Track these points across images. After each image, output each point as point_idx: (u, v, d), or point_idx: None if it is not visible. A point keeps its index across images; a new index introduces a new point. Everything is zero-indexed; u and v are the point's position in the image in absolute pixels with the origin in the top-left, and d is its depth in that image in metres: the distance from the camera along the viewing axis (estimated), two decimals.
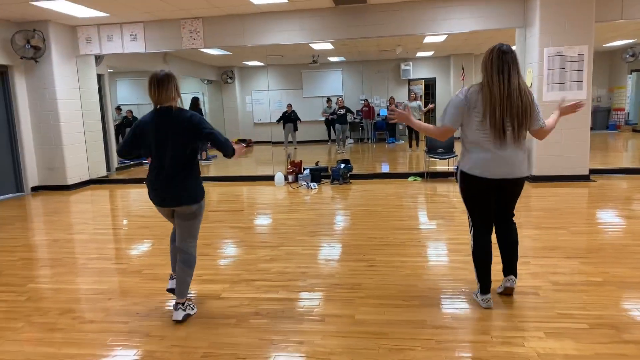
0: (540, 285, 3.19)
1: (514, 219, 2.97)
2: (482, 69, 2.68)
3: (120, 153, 2.94)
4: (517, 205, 2.95)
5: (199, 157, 2.98)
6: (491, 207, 2.84)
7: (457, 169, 2.94)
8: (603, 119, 15.29)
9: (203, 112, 12.62)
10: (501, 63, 2.58)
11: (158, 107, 2.79)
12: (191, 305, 3.02)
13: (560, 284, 3.21)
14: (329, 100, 13.76)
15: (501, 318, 2.75)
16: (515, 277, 2.97)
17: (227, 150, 2.78)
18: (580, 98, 6.86)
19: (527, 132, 2.74)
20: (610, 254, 3.78)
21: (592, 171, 7.30)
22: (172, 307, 2.99)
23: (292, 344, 2.56)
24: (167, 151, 2.76)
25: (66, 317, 3.02)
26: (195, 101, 11.63)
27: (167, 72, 2.76)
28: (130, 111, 13.04)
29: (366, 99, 14.93)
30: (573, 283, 3.21)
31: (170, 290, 3.11)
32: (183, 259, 2.93)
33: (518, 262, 2.98)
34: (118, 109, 13.39)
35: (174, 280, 3.07)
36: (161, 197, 2.82)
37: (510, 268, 2.96)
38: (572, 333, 2.55)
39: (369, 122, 14.95)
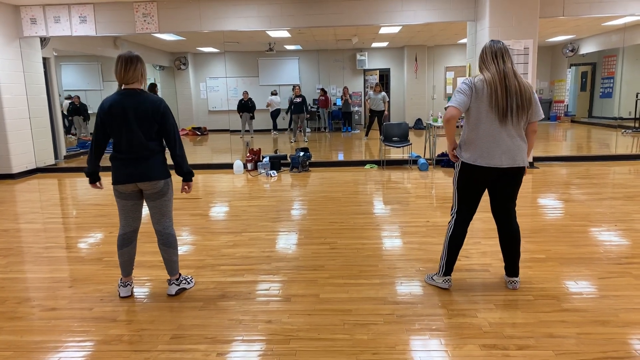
0: (490, 263, 3.43)
1: (515, 215, 2.98)
2: (480, 61, 2.84)
3: (96, 151, 2.86)
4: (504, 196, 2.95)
5: None
6: (480, 197, 2.94)
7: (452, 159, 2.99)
8: (545, 111, 16.18)
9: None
10: (495, 50, 2.78)
11: (123, 87, 2.80)
12: (187, 280, 3.15)
13: None
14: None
15: (456, 293, 2.96)
16: (518, 279, 3.00)
17: (182, 166, 2.93)
18: None
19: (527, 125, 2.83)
20: (551, 234, 4.10)
21: (536, 159, 7.80)
22: (138, 293, 3.00)
23: (261, 323, 2.64)
24: (135, 131, 2.76)
25: (25, 305, 2.95)
26: (152, 87, 11.33)
27: (136, 54, 2.81)
28: (78, 97, 12.47)
29: (322, 88, 15.04)
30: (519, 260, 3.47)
31: (126, 297, 3.03)
32: (164, 241, 2.99)
33: (471, 244, 3.16)
34: None
35: (128, 287, 3.04)
36: (131, 173, 2.81)
37: (512, 268, 2.98)
38: (519, 304, 2.78)
39: (325, 111, 15.11)
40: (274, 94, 14.36)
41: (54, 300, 3.02)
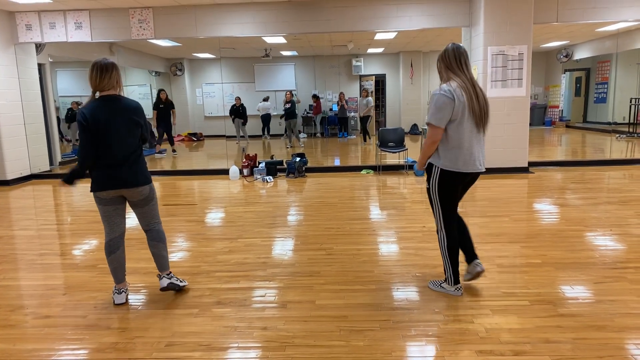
0: (486, 268, 3.42)
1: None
2: (444, 67, 2.85)
3: (88, 162, 2.82)
4: (464, 195, 3.15)
5: (154, 151, 3.06)
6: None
7: (428, 167, 2.94)
8: (540, 116, 16.27)
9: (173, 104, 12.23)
10: (459, 56, 2.81)
11: (98, 95, 2.80)
12: (180, 279, 3.17)
13: (504, 266, 3.46)
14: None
15: (452, 298, 2.95)
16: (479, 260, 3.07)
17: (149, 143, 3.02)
18: (521, 95, 7.32)
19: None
20: (547, 239, 4.10)
21: (531, 164, 7.82)
22: (133, 300, 2.99)
23: (256, 330, 2.63)
24: (118, 136, 2.77)
25: (18, 313, 2.92)
26: (160, 92, 11.38)
27: (111, 61, 2.82)
28: (76, 103, 12.42)
29: (314, 95, 15.08)
30: (515, 265, 3.47)
31: (121, 304, 3.00)
32: (153, 236, 3.03)
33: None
34: None
35: (123, 294, 3.01)
36: (118, 179, 2.81)
37: (473, 253, 3.05)
38: (515, 309, 2.78)
39: (316, 117, 15.21)
40: (265, 99, 14.40)
41: (47, 307, 2.99)
